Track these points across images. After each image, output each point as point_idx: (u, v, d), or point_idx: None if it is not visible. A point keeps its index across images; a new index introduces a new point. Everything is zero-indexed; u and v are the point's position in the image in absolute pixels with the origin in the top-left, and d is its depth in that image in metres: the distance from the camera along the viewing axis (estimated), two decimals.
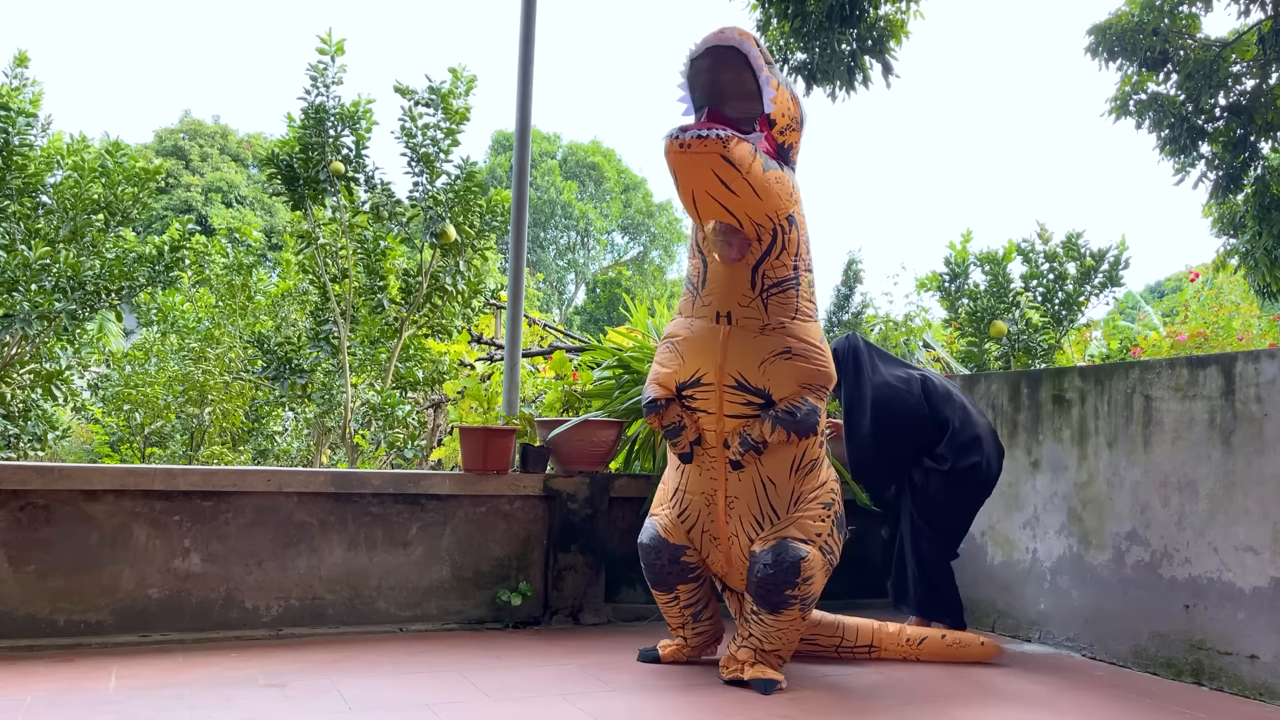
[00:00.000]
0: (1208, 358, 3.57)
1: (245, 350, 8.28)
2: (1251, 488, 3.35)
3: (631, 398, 4.60)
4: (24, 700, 2.76)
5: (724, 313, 3.11)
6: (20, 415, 6.90)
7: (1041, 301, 6.14)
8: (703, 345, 3.12)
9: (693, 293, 3.21)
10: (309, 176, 6.36)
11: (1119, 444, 3.85)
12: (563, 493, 4.21)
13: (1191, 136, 7.41)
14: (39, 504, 3.47)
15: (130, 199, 6.55)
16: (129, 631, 3.54)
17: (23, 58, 6.58)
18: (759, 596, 3.16)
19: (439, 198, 6.42)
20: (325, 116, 6.31)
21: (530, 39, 4.73)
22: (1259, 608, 3.29)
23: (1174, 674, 3.53)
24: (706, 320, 3.14)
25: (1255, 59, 7.17)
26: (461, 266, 6.66)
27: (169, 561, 3.62)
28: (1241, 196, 7.65)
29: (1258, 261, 7.48)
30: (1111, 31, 7.35)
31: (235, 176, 28.73)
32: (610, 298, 32.08)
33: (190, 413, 8.24)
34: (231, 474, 3.72)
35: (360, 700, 2.90)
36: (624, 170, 37.11)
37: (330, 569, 3.86)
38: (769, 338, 3.09)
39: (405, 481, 3.99)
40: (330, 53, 6.29)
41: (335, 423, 7.21)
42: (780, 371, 3.08)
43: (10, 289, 6.01)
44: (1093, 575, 3.91)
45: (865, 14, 6.86)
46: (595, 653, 3.66)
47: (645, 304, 5.48)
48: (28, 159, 6.21)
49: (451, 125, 6.44)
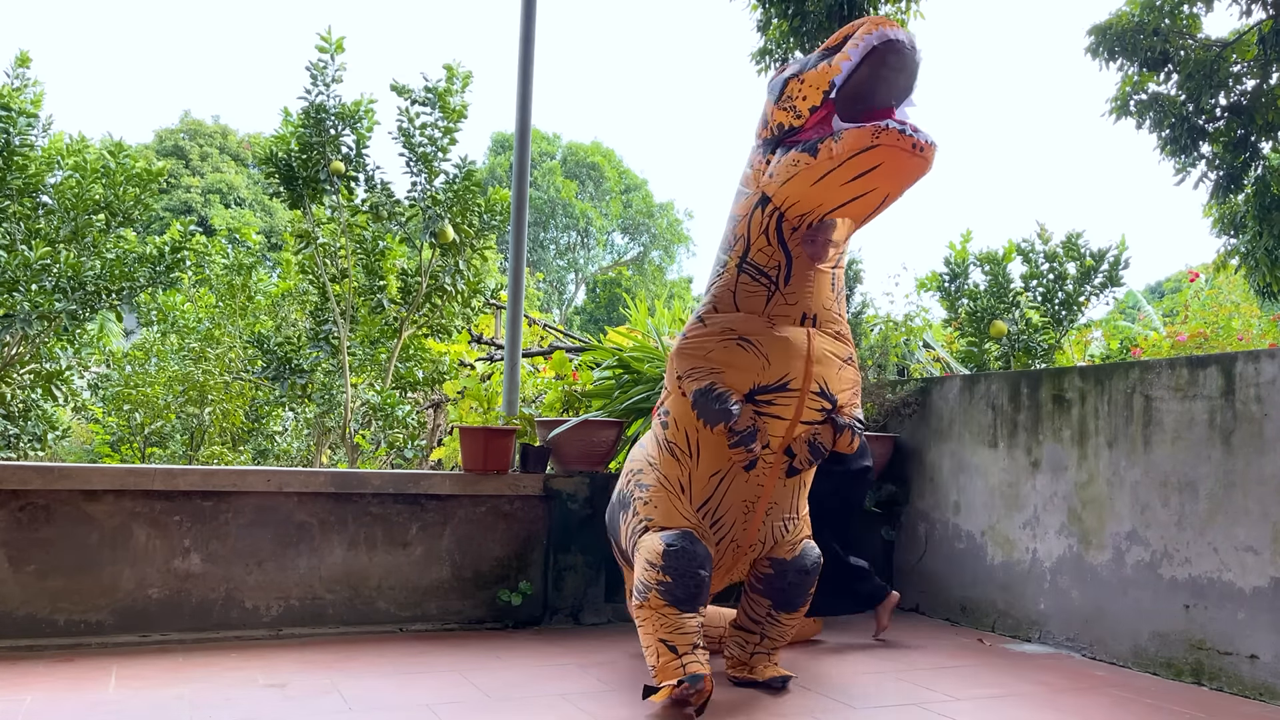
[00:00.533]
0: (1208, 358, 3.57)
1: (245, 350, 8.28)
2: (1251, 488, 3.35)
3: (632, 397, 4.60)
4: (24, 700, 2.76)
5: (810, 315, 2.97)
6: (20, 415, 6.90)
7: (1041, 301, 6.14)
8: (793, 348, 2.91)
9: (768, 288, 2.95)
10: (308, 176, 6.36)
11: (1119, 444, 3.85)
12: (563, 493, 4.21)
13: (1192, 136, 7.41)
14: (39, 504, 3.47)
15: (131, 200, 6.55)
16: (129, 631, 3.54)
17: (24, 58, 6.58)
18: (784, 601, 3.15)
19: (437, 197, 6.42)
20: (325, 115, 6.31)
21: (530, 39, 4.73)
22: (1259, 608, 3.29)
23: (1174, 674, 3.53)
24: (790, 321, 2.95)
25: (1256, 59, 7.17)
26: (461, 266, 6.66)
27: (169, 561, 3.62)
28: (1242, 196, 7.65)
29: (1258, 261, 7.48)
30: (1112, 31, 7.35)
31: (235, 177, 28.74)
32: (610, 298, 32.09)
33: (190, 413, 8.25)
34: (231, 474, 3.72)
35: (360, 700, 2.90)
36: (625, 171, 37.12)
37: (330, 569, 3.86)
38: (841, 344, 3.02)
39: (405, 481, 3.99)
40: (330, 51, 6.29)
41: (335, 423, 7.21)
42: (846, 378, 3.01)
43: (10, 289, 6.01)
44: (1093, 575, 3.91)
45: (865, 14, 6.86)
46: (595, 653, 3.66)
47: (645, 304, 5.47)
48: (28, 159, 6.21)
49: (449, 124, 6.43)
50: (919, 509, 4.84)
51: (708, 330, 2.97)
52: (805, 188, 2.75)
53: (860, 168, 2.61)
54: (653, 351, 4.78)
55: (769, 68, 7.39)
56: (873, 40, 2.58)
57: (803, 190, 2.76)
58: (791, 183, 2.77)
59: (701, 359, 2.95)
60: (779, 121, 2.83)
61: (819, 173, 2.68)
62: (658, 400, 3.28)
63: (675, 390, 3.03)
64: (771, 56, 7.37)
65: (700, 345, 2.96)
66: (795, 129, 2.78)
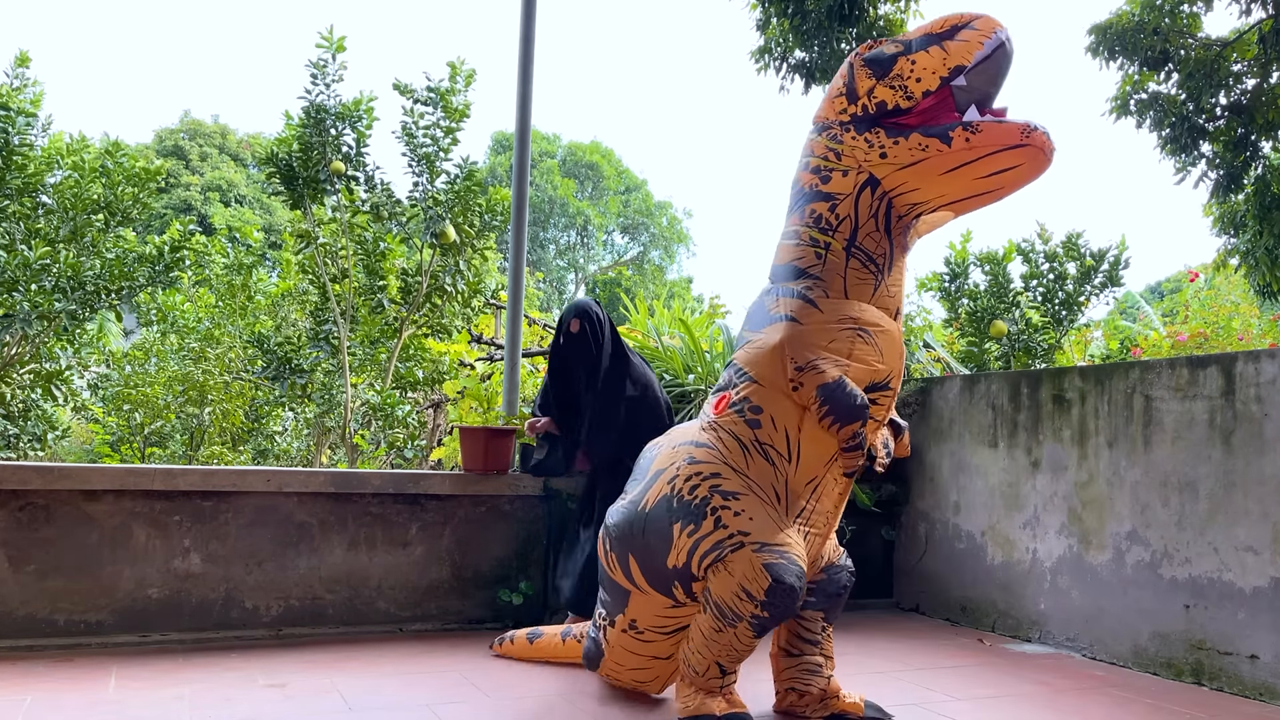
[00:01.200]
0: (1208, 358, 3.57)
1: (245, 350, 8.27)
2: (1251, 488, 3.35)
3: None
4: (24, 700, 2.76)
5: (900, 309, 2.82)
6: (20, 415, 6.90)
7: (1041, 301, 6.14)
8: (896, 345, 2.74)
9: (875, 277, 2.72)
10: (309, 176, 6.35)
11: (1119, 444, 3.85)
12: (563, 493, 4.21)
13: (1192, 136, 7.40)
14: (39, 504, 3.47)
15: (130, 199, 6.55)
16: (129, 631, 3.54)
17: (24, 58, 6.58)
18: (834, 608, 2.92)
19: (439, 197, 6.41)
20: (325, 115, 6.30)
21: (530, 39, 4.73)
22: (1259, 608, 3.28)
23: (1174, 674, 3.53)
24: (889, 314, 2.77)
25: (1256, 58, 7.16)
26: (461, 266, 6.65)
27: (169, 561, 3.62)
28: (1242, 196, 7.64)
29: (1258, 261, 7.47)
30: (1112, 31, 7.34)
31: (235, 176, 28.73)
32: (610, 298, 32.09)
33: (190, 413, 8.24)
34: (231, 474, 3.72)
35: (360, 700, 2.90)
36: (624, 170, 37.11)
37: (330, 569, 3.86)
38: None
39: (405, 481, 3.99)
40: (330, 50, 6.28)
41: (335, 423, 7.20)
42: None
43: (10, 289, 6.01)
44: (1093, 575, 3.91)
45: (865, 13, 6.86)
46: None
47: (645, 304, 5.47)
48: (28, 159, 6.21)
49: (451, 124, 6.43)
50: (919, 509, 4.84)
51: (825, 316, 2.66)
52: (932, 176, 2.59)
53: (999, 165, 2.52)
54: (653, 351, 4.78)
55: (768, 67, 7.39)
56: (1001, 36, 2.55)
57: (928, 178, 2.60)
58: (916, 168, 2.60)
59: (824, 348, 2.63)
60: (881, 100, 2.65)
61: (952, 163, 2.54)
62: (717, 395, 2.83)
63: (779, 382, 2.65)
64: (771, 55, 7.37)
65: (822, 333, 2.64)
66: (900, 110, 2.64)
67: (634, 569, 2.74)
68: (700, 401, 4.50)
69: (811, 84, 7.22)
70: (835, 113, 2.76)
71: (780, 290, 2.75)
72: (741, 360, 2.77)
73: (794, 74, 7.29)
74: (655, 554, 2.67)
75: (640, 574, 2.73)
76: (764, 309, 2.77)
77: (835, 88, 2.80)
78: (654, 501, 2.72)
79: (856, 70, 2.73)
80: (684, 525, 2.62)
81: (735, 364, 2.80)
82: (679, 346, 4.90)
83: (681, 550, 2.62)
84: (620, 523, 2.80)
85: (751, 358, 2.73)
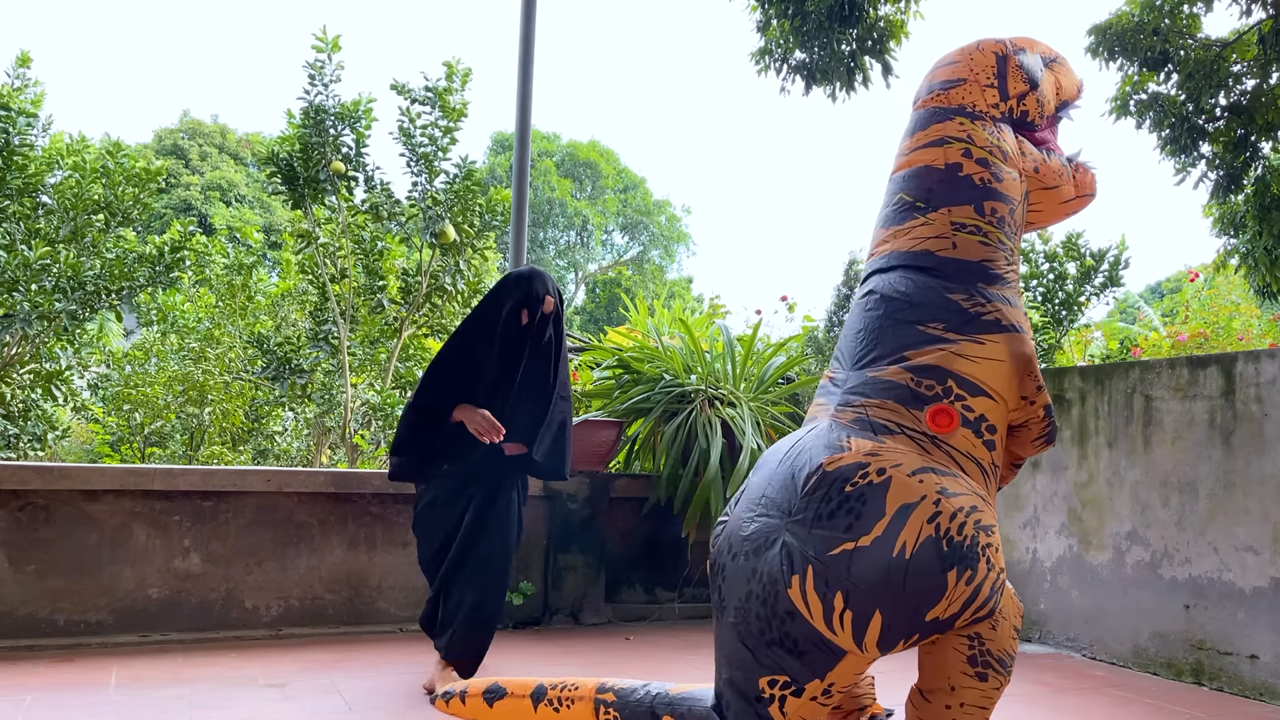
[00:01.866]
0: (1208, 358, 3.58)
1: (245, 350, 8.28)
2: (1251, 488, 3.35)
3: (632, 397, 4.59)
4: (24, 700, 2.76)
5: None
6: (20, 415, 6.90)
7: (1041, 301, 6.15)
8: None
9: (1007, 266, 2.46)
10: (309, 176, 6.36)
11: (1119, 444, 3.85)
12: (563, 493, 4.21)
13: (1192, 136, 7.39)
14: (39, 504, 3.47)
15: (131, 199, 6.56)
16: (129, 631, 3.54)
17: (25, 58, 6.58)
18: None
19: (438, 197, 6.42)
20: (325, 116, 6.31)
21: (530, 39, 4.74)
22: (1259, 608, 3.29)
23: (1174, 674, 3.53)
24: None
25: (1256, 59, 7.16)
26: (461, 266, 6.65)
27: (169, 561, 3.62)
28: (1242, 196, 7.64)
29: (1258, 261, 7.47)
30: (1112, 31, 7.34)
31: (235, 175, 28.74)
32: (610, 297, 32.10)
33: (190, 413, 8.24)
34: (231, 474, 3.72)
35: (360, 700, 2.90)
36: (623, 169, 37.12)
37: (330, 569, 3.86)
38: None
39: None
40: (326, 50, 6.29)
41: (335, 423, 7.21)
42: None
43: (10, 289, 6.02)
44: (1093, 575, 3.91)
45: (865, 14, 6.85)
46: (596, 653, 3.65)
47: (645, 304, 5.47)
48: (28, 159, 6.21)
49: (449, 123, 6.44)
50: None
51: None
52: (1055, 204, 2.58)
53: (1076, 208, 2.64)
54: (653, 351, 4.77)
55: (768, 68, 7.38)
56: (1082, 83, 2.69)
57: (1051, 204, 2.59)
58: (1051, 193, 2.56)
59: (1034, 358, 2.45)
60: (1026, 109, 2.56)
61: (1068, 195, 2.59)
62: (930, 408, 2.29)
63: (1013, 398, 2.34)
64: (771, 57, 7.36)
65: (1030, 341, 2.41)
66: (1032, 126, 2.60)
67: (874, 625, 2.26)
68: (700, 402, 4.49)
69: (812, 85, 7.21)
70: (987, 104, 2.54)
71: (989, 294, 2.37)
72: (967, 371, 2.30)
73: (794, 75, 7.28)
74: (916, 608, 2.26)
75: (879, 631, 2.27)
76: (956, 308, 2.35)
77: (983, 74, 2.54)
78: (915, 546, 2.24)
79: (1012, 69, 2.57)
80: (960, 571, 2.24)
81: (947, 370, 2.31)
82: (679, 346, 4.90)
83: (956, 600, 2.24)
84: (872, 573, 2.25)
85: (989, 370, 2.30)
